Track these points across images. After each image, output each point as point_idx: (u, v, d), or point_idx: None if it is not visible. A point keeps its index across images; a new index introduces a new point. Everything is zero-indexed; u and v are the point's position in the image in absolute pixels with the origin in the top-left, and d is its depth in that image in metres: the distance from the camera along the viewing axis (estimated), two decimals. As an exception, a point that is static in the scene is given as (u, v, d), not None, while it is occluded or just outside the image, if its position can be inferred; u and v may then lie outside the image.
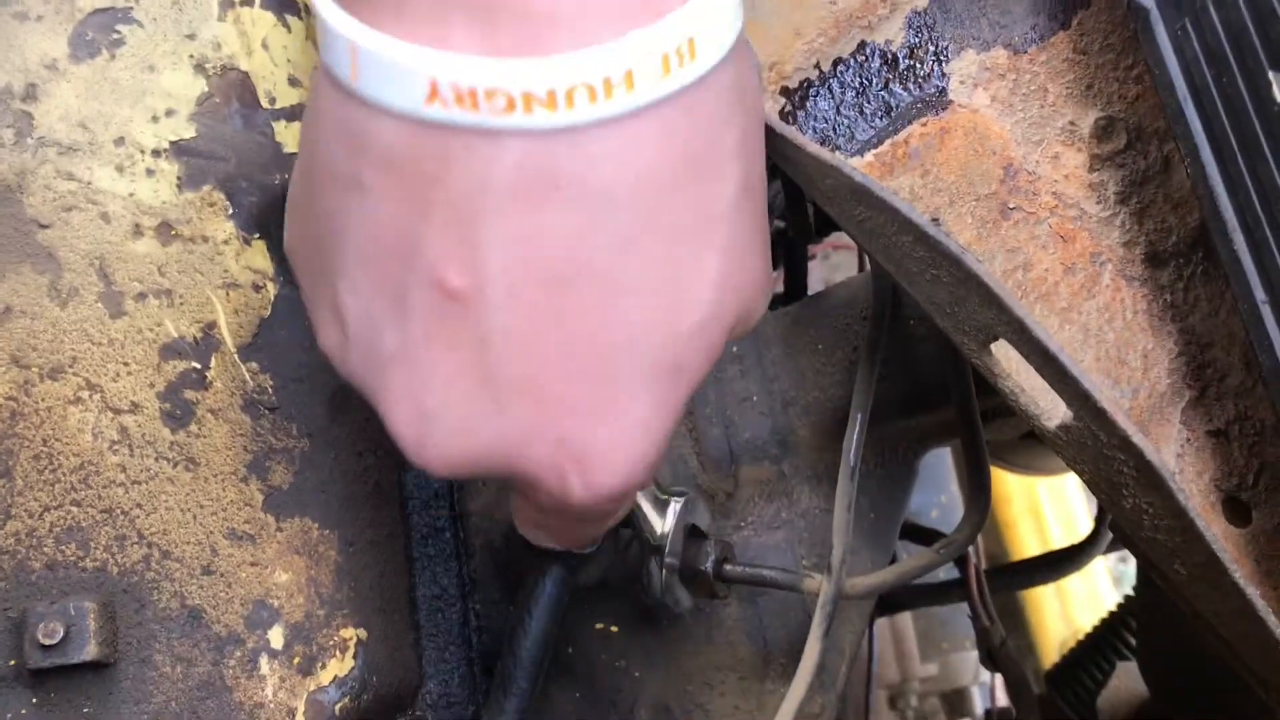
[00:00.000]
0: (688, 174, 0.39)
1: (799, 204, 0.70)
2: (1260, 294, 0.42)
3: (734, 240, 0.42)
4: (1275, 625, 0.42)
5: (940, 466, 1.22)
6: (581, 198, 0.38)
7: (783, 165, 0.49)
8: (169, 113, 0.56)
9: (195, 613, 0.51)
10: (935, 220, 0.49)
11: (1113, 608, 0.90)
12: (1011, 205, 0.51)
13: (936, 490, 1.24)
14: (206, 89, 0.57)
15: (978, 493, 0.60)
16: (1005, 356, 0.47)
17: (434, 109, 0.37)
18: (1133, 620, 0.85)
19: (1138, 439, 0.41)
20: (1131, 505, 0.45)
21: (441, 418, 0.41)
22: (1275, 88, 0.39)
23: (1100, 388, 0.42)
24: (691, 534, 0.61)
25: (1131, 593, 0.89)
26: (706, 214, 0.41)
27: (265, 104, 0.58)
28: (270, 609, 0.53)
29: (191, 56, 0.57)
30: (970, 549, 0.75)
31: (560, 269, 0.39)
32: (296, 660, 0.53)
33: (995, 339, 0.46)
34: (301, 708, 0.53)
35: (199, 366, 0.54)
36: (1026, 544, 1.41)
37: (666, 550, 0.58)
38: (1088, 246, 0.51)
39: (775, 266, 0.84)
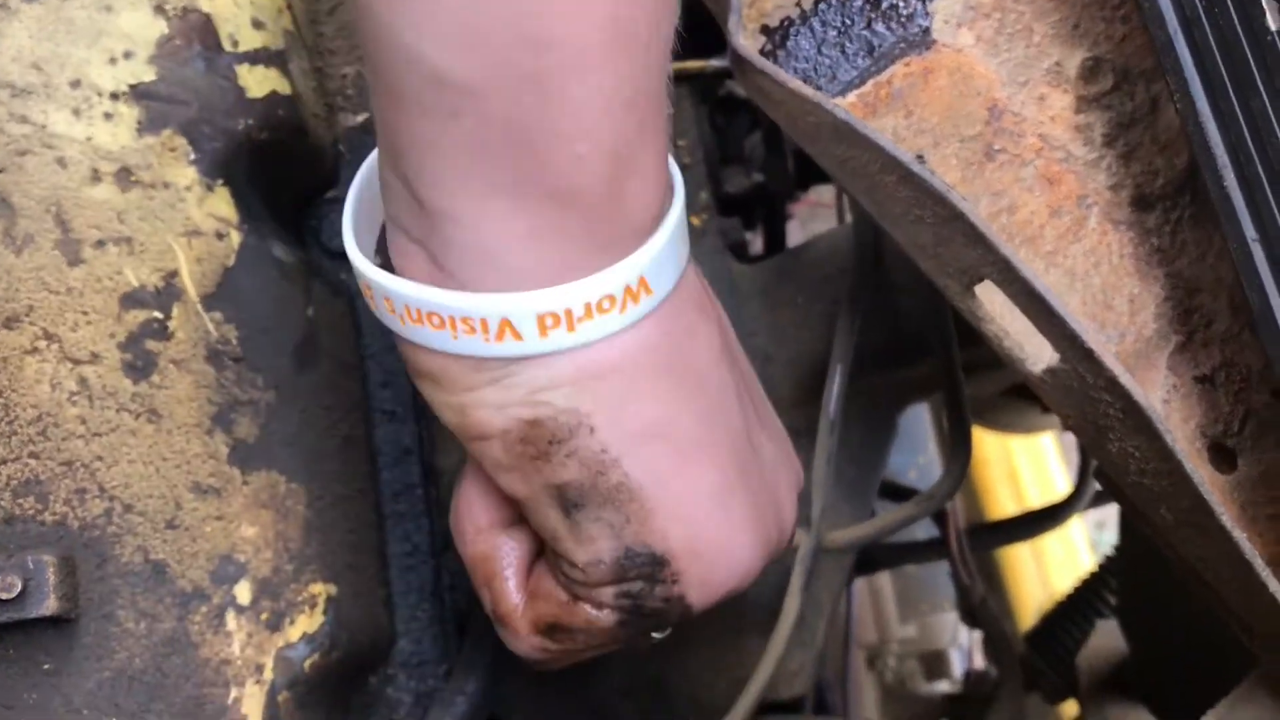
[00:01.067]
0: (690, 390, 0.45)
1: (779, 155, 0.69)
2: (1251, 231, 0.41)
3: (748, 459, 0.47)
4: (1261, 568, 0.41)
5: (918, 427, 1.22)
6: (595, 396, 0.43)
7: (762, 104, 0.48)
8: (127, 54, 0.54)
9: (159, 567, 0.50)
10: (920, 158, 0.48)
11: (1092, 569, 0.90)
12: (997, 147, 0.50)
13: (914, 451, 1.23)
14: (167, 30, 0.55)
15: (959, 445, 0.60)
16: (990, 300, 0.46)
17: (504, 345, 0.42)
18: (1113, 579, 0.85)
19: (1125, 380, 0.40)
20: (1118, 450, 0.44)
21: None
22: (1269, 14, 0.37)
23: (1087, 330, 0.41)
24: None
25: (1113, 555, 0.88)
26: (716, 424, 0.45)
27: (228, 47, 0.56)
28: (237, 564, 0.51)
29: (151, -4, 0.55)
30: (951, 506, 0.74)
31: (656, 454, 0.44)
32: (264, 616, 0.52)
33: (980, 281, 0.45)
34: (270, 664, 0.51)
35: (160, 316, 0.52)
36: (1004, 508, 1.40)
37: None
38: (1074, 189, 0.50)
39: (753, 222, 0.82)
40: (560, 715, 0.64)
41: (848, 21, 0.51)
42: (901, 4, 0.51)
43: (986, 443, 1.41)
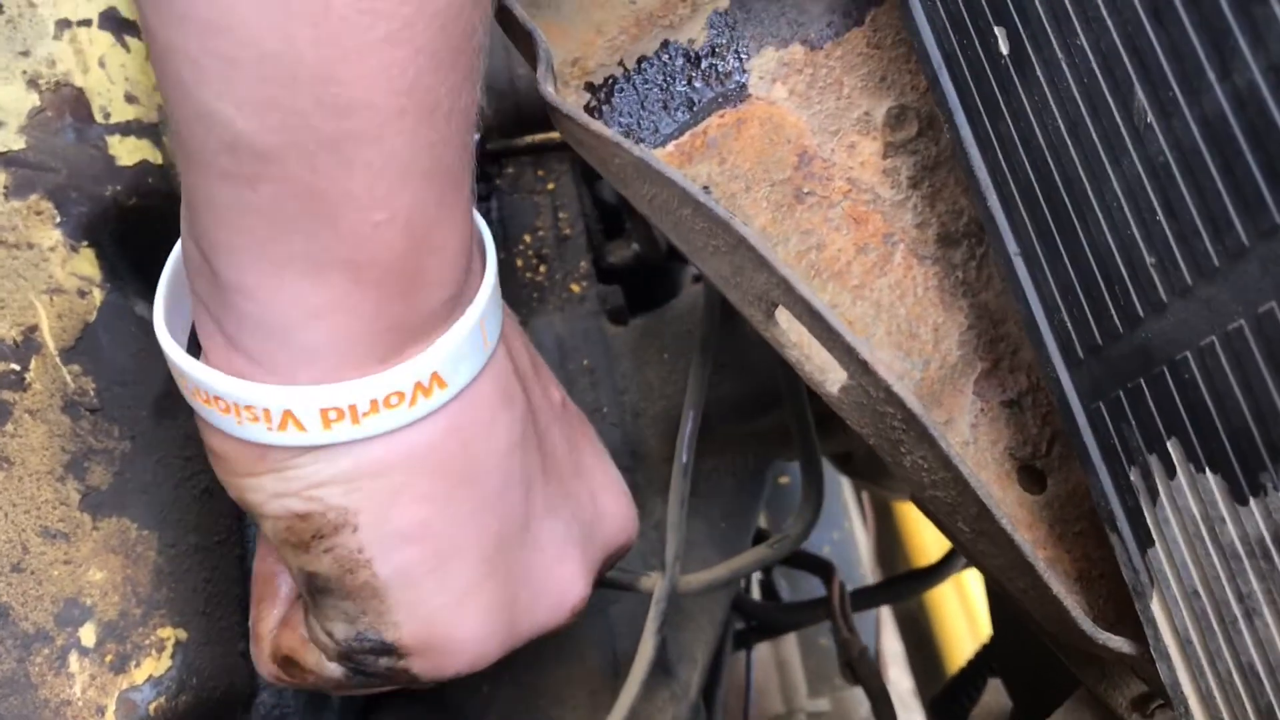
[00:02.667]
0: (467, 477, 0.44)
1: (646, 224, 0.72)
2: (1013, 246, 0.43)
3: (516, 558, 0.47)
4: (1044, 569, 0.42)
5: (834, 505, 1.23)
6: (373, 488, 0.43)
7: (577, 149, 0.50)
8: (-2, 124, 0.57)
9: (2, 609, 0.51)
10: (706, 189, 0.50)
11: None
12: (806, 190, 0.52)
13: (831, 526, 1.24)
14: (39, 103, 0.58)
15: (811, 490, 0.61)
16: (791, 327, 0.48)
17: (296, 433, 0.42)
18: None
19: (898, 388, 0.42)
20: (910, 463, 0.45)
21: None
22: (1000, 41, 0.40)
23: (863, 344, 0.43)
24: None
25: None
26: (495, 516, 0.45)
27: (100, 119, 0.60)
28: (82, 607, 0.52)
29: (25, 72, 0.58)
30: (836, 568, 0.75)
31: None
32: (109, 658, 0.52)
33: (776, 306, 0.47)
34: (112, 705, 0.52)
35: (18, 368, 0.54)
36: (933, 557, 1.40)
37: None
38: (880, 228, 0.52)
39: (640, 289, 0.85)
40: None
41: (669, 79, 0.55)
42: (720, 62, 0.55)
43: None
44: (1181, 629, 0.39)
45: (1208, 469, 0.35)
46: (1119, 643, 0.43)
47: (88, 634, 0.52)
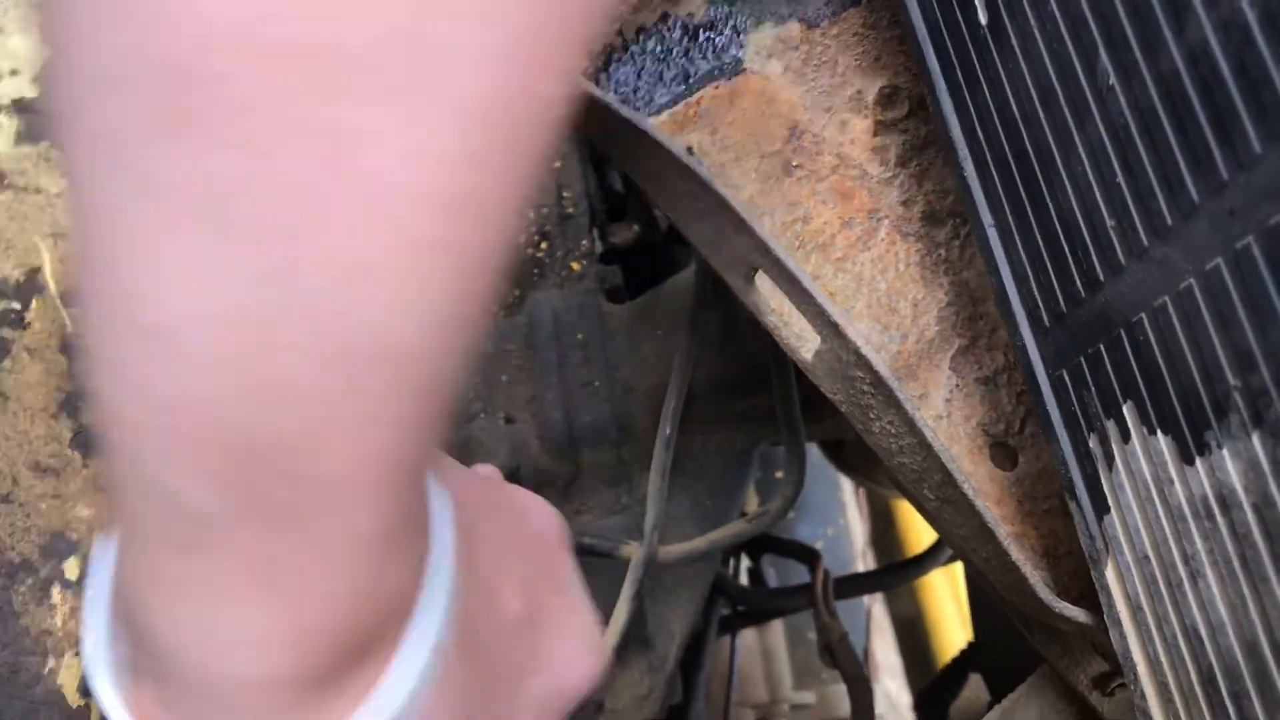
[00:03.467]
0: None
1: (645, 206, 0.73)
2: (988, 217, 0.44)
3: None
4: (1004, 536, 0.43)
5: (830, 500, 1.23)
6: None
7: (581, 121, 0.51)
8: (13, 72, 0.59)
9: (-10, 539, 0.52)
10: (689, 150, 0.51)
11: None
12: (795, 164, 0.53)
13: (825, 522, 1.24)
14: (54, 53, 0.60)
15: (793, 466, 0.62)
16: (770, 292, 0.49)
17: None
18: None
19: (867, 351, 0.43)
20: (879, 428, 0.46)
21: None
22: (980, 11, 0.41)
23: (834, 307, 0.44)
24: None
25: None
26: None
27: (113, 72, 0.61)
28: (69, 541, 0.54)
29: (42, 23, 0.60)
30: (820, 555, 0.76)
31: None
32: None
33: (756, 271, 0.48)
34: (91, 639, 0.53)
35: (19, 307, 0.56)
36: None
37: None
38: (866, 204, 0.53)
39: (637, 270, 0.85)
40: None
41: (666, 51, 0.55)
42: (717, 36, 0.56)
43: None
44: (1133, 594, 0.39)
45: (1159, 431, 0.36)
46: (1075, 612, 0.43)
47: (72, 568, 0.53)
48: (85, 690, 0.52)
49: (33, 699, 0.51)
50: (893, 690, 1.52)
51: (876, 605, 1.33)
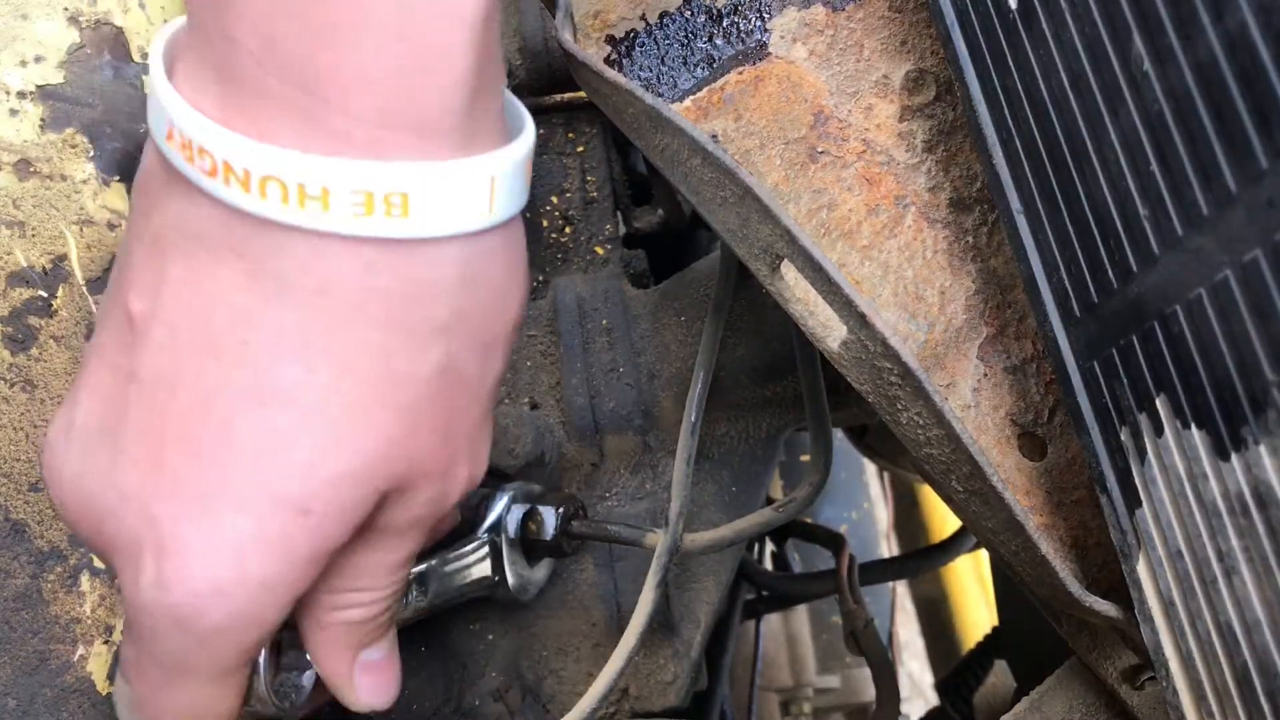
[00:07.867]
0: (378, 322, 0.39)
1: (669, 190, 0.72)
2: (1016, 203, 0.43)
3: (421, 410, 0.40)
4: (1034, 530, 0.42)
5: (854, 483, 1.22)
6: (260, 275, 0.38)
7: (594, 99, 0.51)
8: (38, 59, 0.59)
9: (18, 527, 0.53)
10: (714, 137, 0.51)
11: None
12: (820, 150, 0.53)
13: (850, 506, 1.23)
14: (78, 40, 0.60)
15: (820, 453, 0.61)
16: (795, 281, 0.48)
17: (169, 148, 0.38)
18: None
19: (894, 342, 0.42)
20: (907, 419, 0.46)
21: (74, 442, 0.40)
22: (1010, -4, 0.40)
23: (861, 297, 0.43)
24: (529, 514, 0.61)
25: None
26: (392, 368, 0.39)
27: (137, 58, 0.61)
28: (95, 529, 0.54)
29: (66, 9, 0.60)
30: (846, 541, 0.75)
31: (221, 337, 0.38)
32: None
33: (782, 259, 0.47)
34: (120, 626, 0.53)
35: (45, 295, 0.56)
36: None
37: (501, 533, 0.59)
38: (893, 190, 0.52)
39: (661, 255, 0.85)
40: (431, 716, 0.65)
41: (690, 35, 0.55)
42: (741, 20, 0.55)
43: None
44: (1165, 590, 0.39)
45: (1193, 425, 0.35)
46: (1105, 606, 0.43)
47: (99, 555, 0.54)
48: (112, 674, 0.52)
49: (62, 687, 0.51)
50: (915, 671, 1.52)
51: (900, 586, 1.33)
